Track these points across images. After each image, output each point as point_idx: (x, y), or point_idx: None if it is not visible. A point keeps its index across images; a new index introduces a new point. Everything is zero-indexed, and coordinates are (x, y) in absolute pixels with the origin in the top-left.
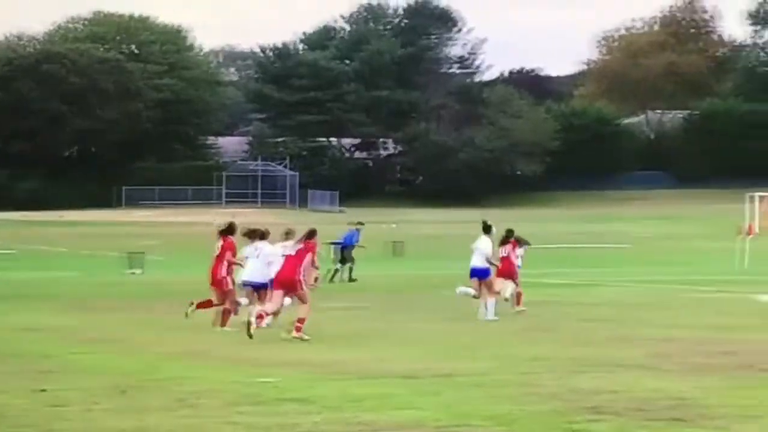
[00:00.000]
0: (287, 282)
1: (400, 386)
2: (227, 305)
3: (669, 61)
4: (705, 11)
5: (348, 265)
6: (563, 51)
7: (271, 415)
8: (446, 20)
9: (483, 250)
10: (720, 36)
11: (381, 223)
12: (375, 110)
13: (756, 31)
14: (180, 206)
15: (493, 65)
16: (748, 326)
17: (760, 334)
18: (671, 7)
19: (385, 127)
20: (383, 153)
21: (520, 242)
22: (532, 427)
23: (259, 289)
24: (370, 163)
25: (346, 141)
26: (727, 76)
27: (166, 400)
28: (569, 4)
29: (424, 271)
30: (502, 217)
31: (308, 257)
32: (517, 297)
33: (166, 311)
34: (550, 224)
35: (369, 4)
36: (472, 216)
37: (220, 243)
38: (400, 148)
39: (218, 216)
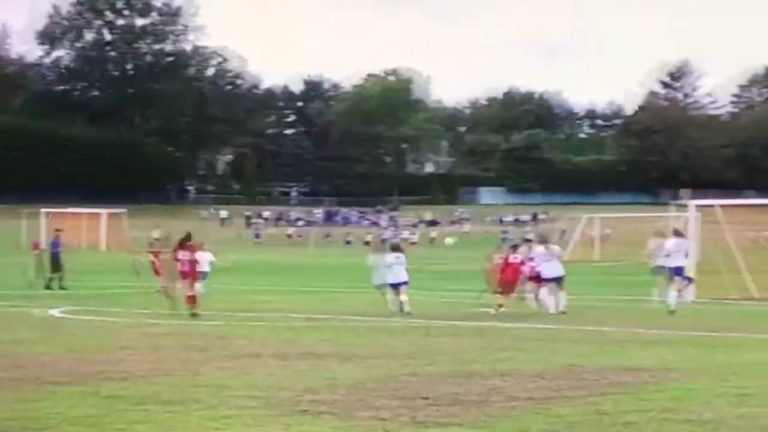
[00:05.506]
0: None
1: None
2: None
3: None
4: None
5: None
6: None
7: None
8: None
9: None
10: (9, 54)
11: None
12: None
13: (46, 52)
14: None
15: None
16: (35, 340)
17: (45, 348)
18: None
19: None
20: None
21: None
22: None
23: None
24: None
25: None
26: (17, 93)
27: None
28: None
29: None
30: None
31: None
32: None
33: None
34: None
35: None
36: None
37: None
38: None
39: None
